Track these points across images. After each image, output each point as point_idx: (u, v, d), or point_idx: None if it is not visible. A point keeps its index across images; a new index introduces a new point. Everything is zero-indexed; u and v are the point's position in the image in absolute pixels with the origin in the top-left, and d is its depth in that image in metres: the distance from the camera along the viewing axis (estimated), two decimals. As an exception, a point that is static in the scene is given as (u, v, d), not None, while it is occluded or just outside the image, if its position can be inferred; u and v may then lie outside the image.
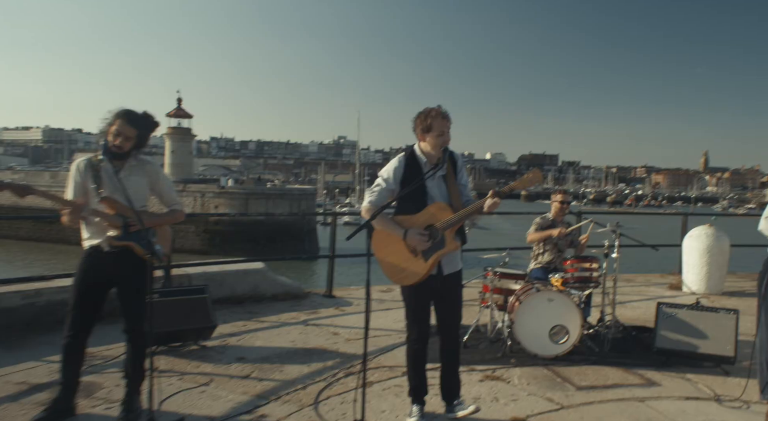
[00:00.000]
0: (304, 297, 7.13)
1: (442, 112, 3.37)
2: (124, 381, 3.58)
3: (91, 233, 3.45)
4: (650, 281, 8.55)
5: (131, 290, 3.47)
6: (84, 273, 3.43)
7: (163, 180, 3.63)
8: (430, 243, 3.31)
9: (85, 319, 3.45)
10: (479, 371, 4.51)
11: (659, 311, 4.80)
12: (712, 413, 3.78)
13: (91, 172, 3.37)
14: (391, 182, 3.45)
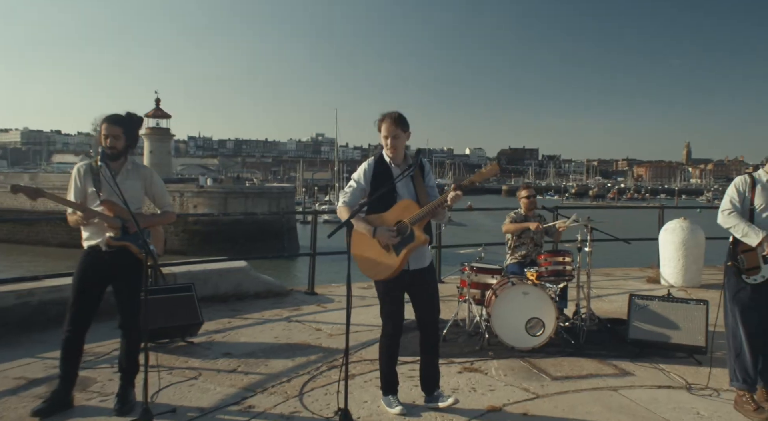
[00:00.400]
0: (286, 294, 7.23)
1: (391, 116, 3.56)
2: (119, 374, 3.73)
3: (90, 233, 3.63)
4: (629, 275, 8.77)
5: (127, 288, 3.65)
6: (83, 272, 3.61)
7: (156, 183, 3.84)
8: (399, 238, 3.47)
9: (84, 315, 3.62)
10: (458, 363, 4.64)
11: (631, 302, 4.98)
12: (682, 401, 3.94)
13: (91, 177, 3.59)
14: (362, 183, 3.66)
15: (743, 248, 3.74)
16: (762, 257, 3.66)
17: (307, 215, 51.47)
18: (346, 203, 3.61)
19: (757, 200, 3.74)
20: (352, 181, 3.71)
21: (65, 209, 3.61)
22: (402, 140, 3.62)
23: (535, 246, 5.90)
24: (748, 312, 3.74)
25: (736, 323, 3.81)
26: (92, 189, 3.58)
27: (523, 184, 6.34)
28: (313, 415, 3.63)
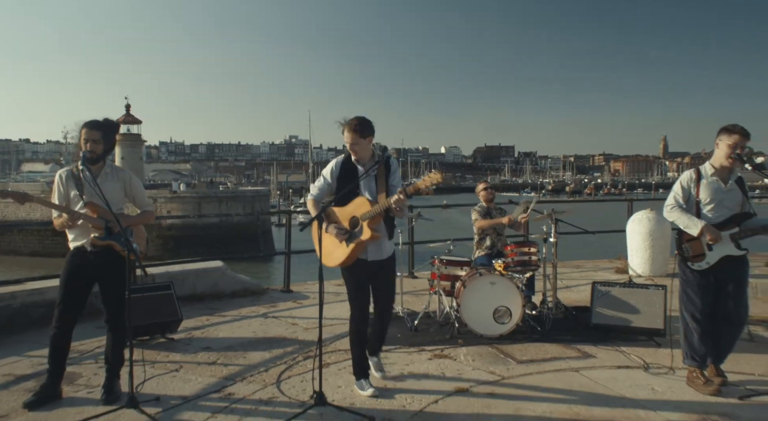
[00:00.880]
0: (262, 293, 7.37)
1: (350, 125, 3.84)
2: (105, 367, 3.90)
3: (75, 235, 3.81)
4: (598, 266, 9.07)
5: (113, 286, 3.83)
6: (69, 271, 3.79)
7: (135, 185, 4.02)
8: (347, 235, 3.80)
9: (71, 313, 3.80)
10: (428, 350, 4.85)
11: (594, 289, 5.25)
12: (639, 379, 4.20)
13: (73, 181, 3.77)
14: (329, 179, 3.98)
15: (687, 238, 4.03)
16: (706, 245, 3.94)
17: (282, 215, 51.49)
18: (314, 196, 3.99)
19: (702, 194, 4.01)
20: (321, 176, 4.03)
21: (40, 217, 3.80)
22: (362, 145, 3.87)
23: (498, 236, 6.12)
24: (696, 296, 4.03)
25: (685, 306, 4.10)
26: (75, 192, 3.76)
27: (479, 181, 6.64)
28: (290, 399, 3.81)
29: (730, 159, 3.91)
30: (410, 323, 5.51)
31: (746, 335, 5.17)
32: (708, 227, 3.89)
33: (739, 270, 4.02)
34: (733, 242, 3.93)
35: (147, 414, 3.45)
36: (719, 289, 4.01)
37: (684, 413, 3.59)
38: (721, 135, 3.97)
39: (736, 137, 3.88)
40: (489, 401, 3.77)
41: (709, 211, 3.98)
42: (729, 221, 3.96)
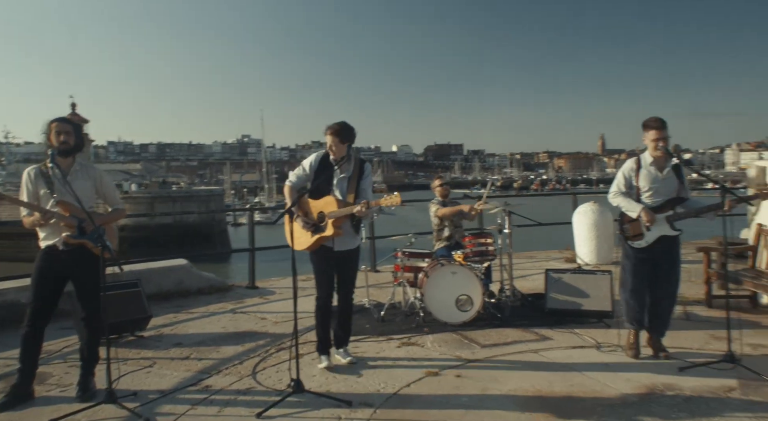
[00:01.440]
0: (228, 290, 7.44)
1: (332, 129, 4.23)
2: (80, 364, 3.93)
3: (46, 233, 3.80)
4: (549, 257, 9.46)
5: (87, 284, 3.86)
6: (41, 270, 3.78)
7: (106, 183, 4.04)
8: (313, 227, 4.20)
9: (43, 312, 3.81)
10: (396, 339, 5.06)
11: (547, 276, 5.56)
12: (592, 357, 4.53)
13: (42, 179, 3.75)
14: (308, 171, 4.38)
15: (627, 220, 4.51)
16: (644, 226, 4.37)
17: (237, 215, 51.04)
18: (292, 183, 4.41)
19: (641, 182, 4.44)
20: (300, 166, 4.41)
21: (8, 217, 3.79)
22: (341, 147, 4.24)
23: (456, 228, 6.37)
24: (635, 270, 4.48)
25: (626, 278, 4.55)
26: (44, 190, 3.74)
27: (435, 176, 6.86)
28: (268, 389, 3.96)
29: (657, 151, 4.33)
30: (377, 314, 5.71)
31: (683, 315, 5.63)
32: (645, 210, 4.34)
33: (673, 249, 4.45)
34: (669, 223, 4.38)
35: (127, 408, 3.52)
36: (656, 265, 4.45)
37: (634, 384, 3.90)
38: (643, 132, 4.43)
39: (652, 132, 4.34)
40: (458, 383, 4.01)
41: (648, 197, 4.42)
42: (665, 205, 4.39)
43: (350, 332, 4.63)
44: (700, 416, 3.40)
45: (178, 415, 3.53)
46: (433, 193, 6.52)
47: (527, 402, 3.66)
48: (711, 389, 3.80)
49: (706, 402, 3.60)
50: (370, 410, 3.57)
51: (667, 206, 4.39)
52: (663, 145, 4.30)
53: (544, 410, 3.54)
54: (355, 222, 4.38)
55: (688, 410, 3.49)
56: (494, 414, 3.49)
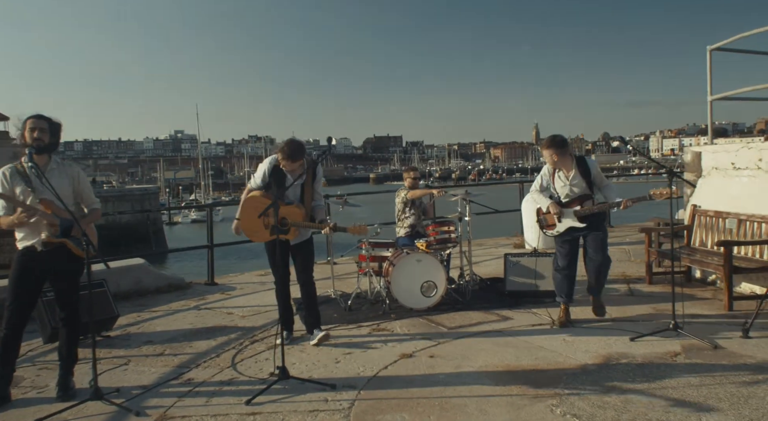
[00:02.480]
0: (187, 287, 7.41)
1: (284, 153, 4.54)
2: (59, 364, 3.91)
3: (24, 234, 3.74)
4: (499, 243, 9.87)
5: (66, 283, 3.86)
6: (20, 271, 3.74)
7: (84, 181, 3.99)
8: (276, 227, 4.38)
9: (22, 314, 3.77)
10: (366, 326, 5.25)
11: (506, 260, 5.89)
12: (550, 332, 4.88)
13: (19, 178, 3.68)
14: (260, 183, 4.75)
15: (543, 213, 5.29)
16: (556, 217, 5.14)
17: (179, 211, 49.75)
18: (257, 187, 4.78)
19: (556, 184, 5.23)
20: (253, 179, 4.80)
21: None
22: (294, 165, 4.58)
23: (419, 219, 6.62)
24: (559, 252, 5.27)
25: (555, 259, 5.35)
26: (22, 188, 3.66)
27: (408, 167, 7.06)
28: (251, 378, 4.07)
29: (552, 164, 5.18)
30: (344, 304, 5.88)
31: (627, 291, 6.10)
32: (552, 205, 5.14)
33: (595, 226, 5.09)
34: (576, 216, 5.07)
35: (115, 403, 3.56)
36: (579, 246, 5.26)
37: (591, 355, 4.26)
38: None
39: (543, 152, 5.25)
40: (432, 362, 4.24)
41: (562, 196, 5.20)
42: (573, 201, 5.13)
43: (319, 317, 4.89)
44: (653, 379, 3.76)
45: (167, 407, 3.60)
46: (403, 183, 6.76)
47: (499, 376, 3.94)
48: (660, 355, 4.20)
49: (657, 367, 3.98)
50: (354, 391, 3.75)
51: (575, 202, 5.12)
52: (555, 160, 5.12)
53: (515, 382, 3.82)
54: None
55: (642, 375, 3.85)
56: (472, 389, 3.74)
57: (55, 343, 4.89)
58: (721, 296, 5.53)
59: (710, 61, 6.84)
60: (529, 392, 3.66)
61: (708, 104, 6.92)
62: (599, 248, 5.09)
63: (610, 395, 3.55)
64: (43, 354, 4.79)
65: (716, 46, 6.87)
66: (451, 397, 3.62)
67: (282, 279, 4.65)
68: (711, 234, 6.10)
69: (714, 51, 6.89)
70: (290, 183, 4.57)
